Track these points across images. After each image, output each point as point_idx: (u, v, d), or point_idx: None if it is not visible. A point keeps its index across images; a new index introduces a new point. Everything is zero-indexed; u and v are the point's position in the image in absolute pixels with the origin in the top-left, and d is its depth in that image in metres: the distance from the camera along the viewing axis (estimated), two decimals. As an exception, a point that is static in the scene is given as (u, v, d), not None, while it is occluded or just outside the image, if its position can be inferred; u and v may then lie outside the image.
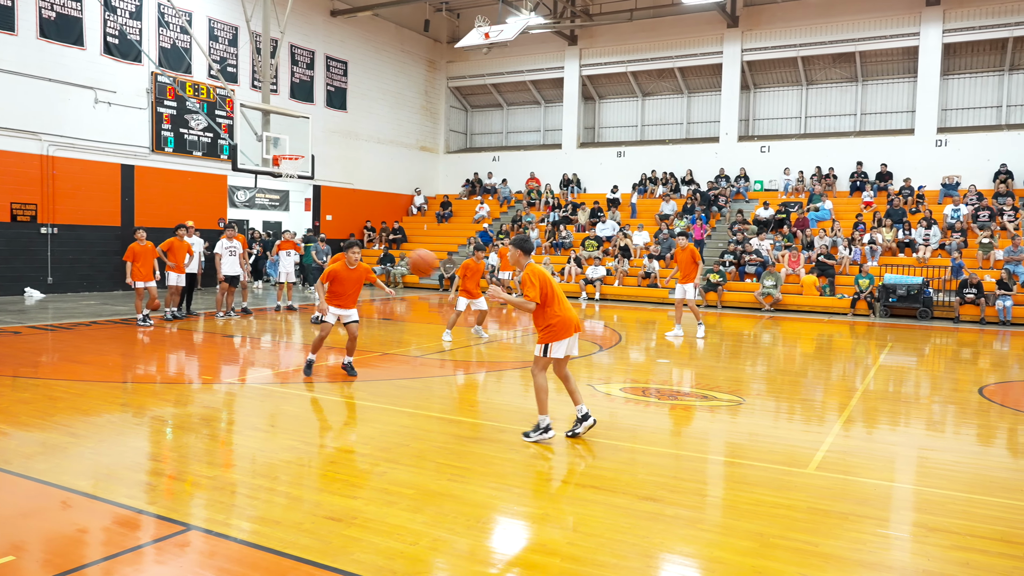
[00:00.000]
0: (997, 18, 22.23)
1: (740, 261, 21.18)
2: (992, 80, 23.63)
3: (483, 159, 30.96)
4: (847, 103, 25.60)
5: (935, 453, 6.44)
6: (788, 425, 7.36)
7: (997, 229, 20.18)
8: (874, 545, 4.24)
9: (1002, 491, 5.27)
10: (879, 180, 23.61)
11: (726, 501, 5.04)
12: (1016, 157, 22.10)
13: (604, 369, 10.25)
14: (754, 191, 25.48)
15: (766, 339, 14.51)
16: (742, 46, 25.58)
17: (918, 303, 17.93)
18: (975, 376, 10.48)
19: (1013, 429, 7.33)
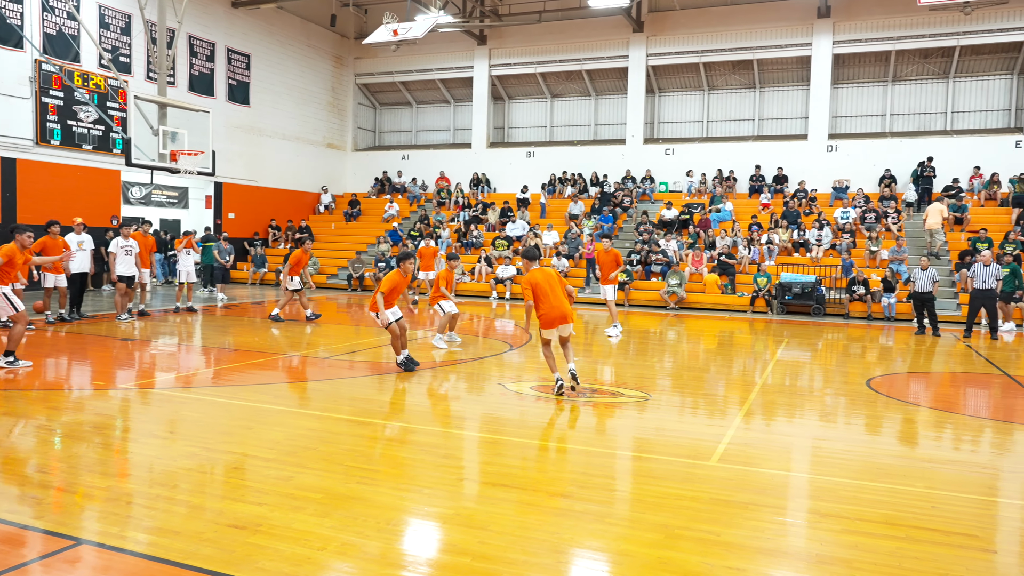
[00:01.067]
0: (882, 32, 23.62)
1: (646, 261, 21.72)
2: (877, 90, 25.08)
3: (392, 157, 30.63)
4: (746, 109, 26.65)
5: (827, 443, 6.77)
6: (692, 419, 7.59)
7: (882, 230, 21.42)
8: (772, 532, 4.42)
9: (888, 477, 5.58)
10: (776, 183, 24.67)
11: (634, 495, 5.15)
12: (899, 163, 23.54)
13: (515, 368, 10.31)
14: (659, 192, 26.18)
15: (671, 336, 14.93)
16: (647, 51, 26.24)
17: (812, 300, 18.85)
18: (863, 369, 11.09)
19: (898, 419, 7.79)
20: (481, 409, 7.77)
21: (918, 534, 4.42)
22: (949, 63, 23.84)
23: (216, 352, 11.17)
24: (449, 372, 9.83)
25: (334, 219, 28.72)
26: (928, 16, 22.44)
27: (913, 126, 24.74)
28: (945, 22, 22.63)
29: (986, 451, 6.65)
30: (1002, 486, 5.64)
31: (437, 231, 25.13)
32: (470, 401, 8.18)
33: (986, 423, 7.70)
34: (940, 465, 6.02)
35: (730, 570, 3.87)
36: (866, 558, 4.05)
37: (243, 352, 10.99)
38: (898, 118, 24.94)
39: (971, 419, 7.90)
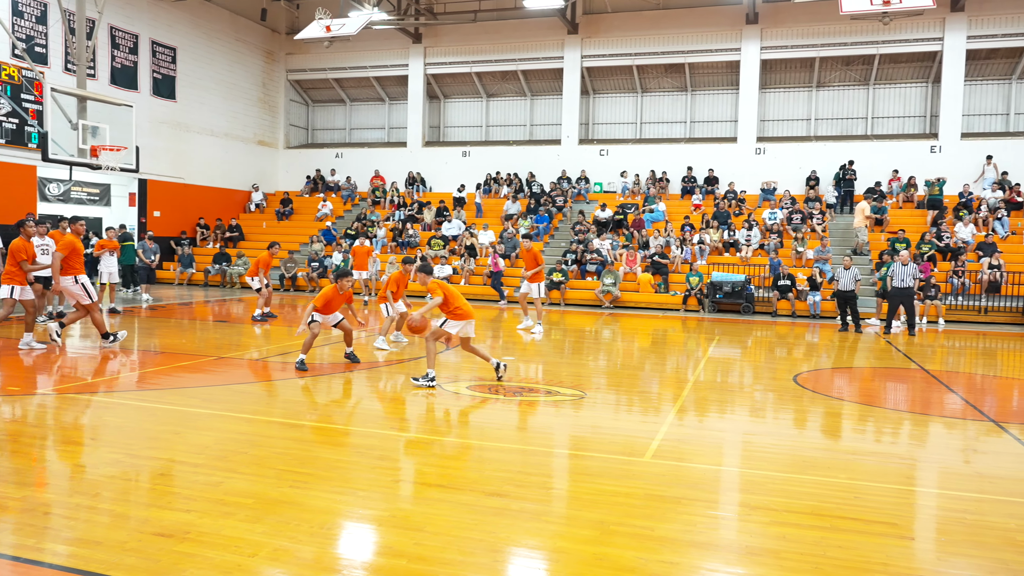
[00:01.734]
0: (807, 39, 24.42)
1: (581, 260, 21.94)
2: (803, 95, 25.92)
3: (326, 155, 30.16)
4: (678, 111, 27.19)
5: (757, 437, 6.95)
6: (627, 416, 7.69)
7: (808, 231, 22.15)
8: (704, 526, 4.51)
9: (814, 469, 5.77)
10: (707, 184, 25.24)
11: (570, 492, 5.18)
12: (823, 165, 24.39)
13: (451, 368, 10.27)
14: (594, 192, 26.48)
15: (606, 335, 15.11)
16: (582, 52, 26.50)
17: (741, 299, 19.35)
18: (790, 365, 11.43)
19: (823, 413, 8.06)
20: (417, 409, 7.71)
21: (842, 524, 4.57)
22: (869, 70, 24.81)
23: (141, 355, 10.79)
24: (385, 373, 9.72)
25: (265, 218, 28.11)
26: (850, 25, 23.29)
27: (836, 130, 25.65)
28: (865, 31, 23.54)
29: (905, 442, 6.93)
30: (919, 475, 5.89)
31: (372, 231, 24.86)
32: (406, 402, 8.11)
33: (905, 415, 8.04)
34: (862, 457, 6.25)
35: (664, 564, 3.94)
36: (793, 548, 4.17)
37: (170, 355, 10.65)
38: (822, 122, 25.83)
39: (891, 412, 8.23)
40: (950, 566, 4.04)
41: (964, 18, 22.91)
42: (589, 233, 23.03)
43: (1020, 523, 4.65)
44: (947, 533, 4.57)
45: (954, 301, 18.77)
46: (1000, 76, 24.02)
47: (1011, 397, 9.41)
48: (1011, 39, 22.82)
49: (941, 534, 4.58)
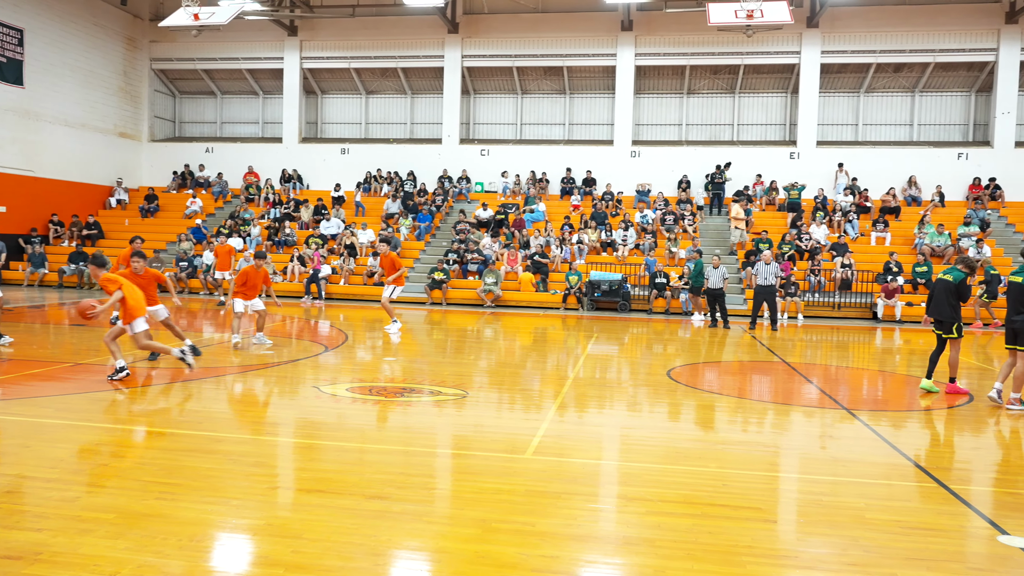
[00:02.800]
0: (678, 47, 25.45)
1: (463, 260, 21.96)
2: (675, 101, 27.01)
3: (195, 150, 28.73)
4: (557, 113, 27.70)
5: (633, 431, 7.18)
6: (509, 414, 7.75)
7: (680, 231, 23.11)
8: (584, 519, 4.61)
9: (686, 460, 6.01)
10: (585, 185, 25.86)
11: (452, 492, 5.16)
12: (693, 169, 25.51)
13: (330, 370, 10.03)
14: (475, 192, 26.57)
15: (488, 334, 15.19)
16: (462, 52, 26.53)
17: (619, 297, 19.95)
18: (664, 361, 11.89)
19: (695, 405, 8.42)
20: (295, 413, 7.48)
21: (712, 510, 4.78)
22: (735, 80, 26.16)
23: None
24: (260, 376, 9.37)
25: (128, 214, 26.46)
26: (717, 36, 24.46)
27: (706, 136, 26.89)
28: (732, 42, 24.80)
29: (768, 431, 7.35)
30: (782, 462, 6.26)
31: (246, 229, 23.92)
32: (283, 405, 7.84)
33: (768, 406, 8.52)
34: (731, 446, 6.57)
35: (544, 558, 3.99)
36: (667, 536, 4.33)
37: (19, 362, 9.83)
38: (693, 128, 27.02)
39: (756, 403, 8.70)
40: (808, 545, 4.31)
41: (818, 34, 24.56)
42: (470, 233, 23.09)
43: (869, 502, 5.02)
44: (806, 515, 4.87)
45: (811, 298, 20.09)
46: (850, 89, 25.92)
47: (861, 386, 10.17)
48: (860, 55, 24.67)
49: (801, 516, 4.88)
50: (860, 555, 4.13)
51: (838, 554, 4.16)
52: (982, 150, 24.53)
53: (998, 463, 6.44)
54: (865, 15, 24.17)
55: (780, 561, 4.08)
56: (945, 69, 24.83)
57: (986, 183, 23.93)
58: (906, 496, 5.26)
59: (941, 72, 24.94)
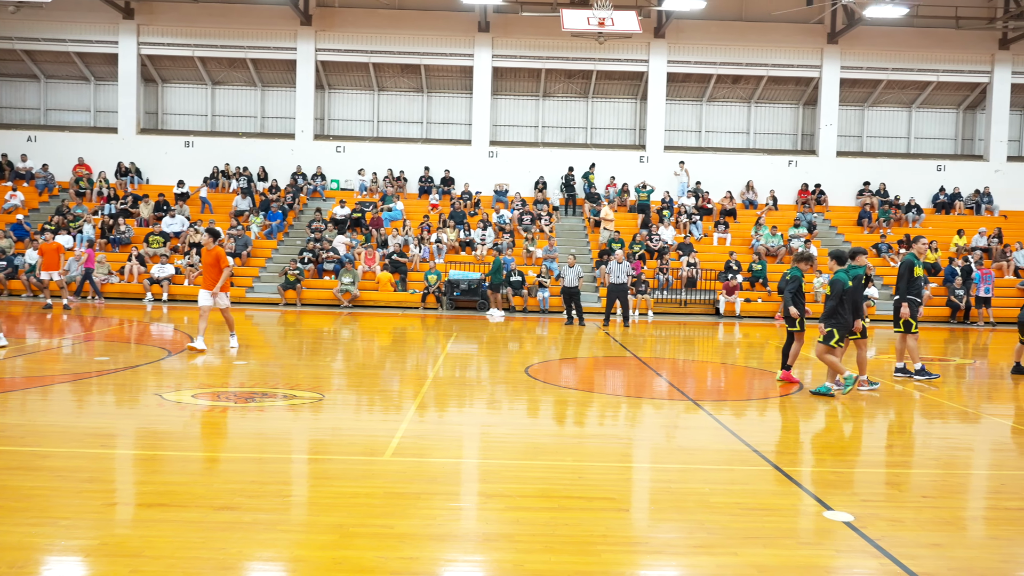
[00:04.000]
0: (534, 51, 25.96)
1: (318, 259, 21.37)
2: (531, 103, 27.55)
3: (15, 138, 26.15)
4: (415, 111, 27.52)
5: (493, 428, 7.24)
6: (368, 416, 7.61)
7: (537, 231, 23.59)
8: (443, 519, 4.59)
9: (544, 455, 6.13)
10: (444, 184, 25.85)
11: (308, 498, 5.00)
12: (550, 170, 26.11)
13: (174, 375, 9.44)
14: (331, 190, 25.92)
15: (345, 335, 14.86)
16: (316, 45, 25.78)
17: (478, 296, 20.09)
18: (522, 358, 12.08)
19: (552, 401, 8.61)
20: (134, 423, 6.98)
21: (568, 503, 4.90)
22: (588, 84, 27.03)
23: None
24: (95, 384, 8.67)
25: (-64, 209, 23.76)
26: (571, 41, 25.15)
27: (561, 138, 27.60)
28: (585, 48, 25.58)
29: (622, 424, 7.63)
30: (634, 453, 6.52)
31: (76, 225, 22.11)
32: (121, 415, 7.30)
33: (622, 399, 8.85)
34: (586, 440, 6.77)
35: (404, 560, 3.93)
36: (525, 531, 4.39)
37: None
38: (549, 130, 27.67)
39: (610, 397, 9.02)
40: (658, 531, 4.52)
41: (665, 44, 25.81)
42: (326, 231, 22.50)
43: (713, 487, 5.32)
44: (656, 502, 5.10)
45: (660, 295, 21.10)
46: (694, 98, 27.44)
47: (705, 379, 10.78)
48: (702, 66, 26.15)
49: (651, 504, 5.10)
50: (705, 537, 4.37)
51: (685, 537, 4.37)
52: (809, 158, 26.69)
53: (824, 445, 7.01)
54: (706, 28, 25.66)
55: (633, 547, 4.23)
56: (777, 83, 26.81)
57: (813, 188, 26.08)
58: (745, 479, 5.62)
59: (774, 85, 26.91)
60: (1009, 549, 4.36)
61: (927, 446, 7.00)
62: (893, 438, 7.41)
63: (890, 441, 7.28)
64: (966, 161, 26.98)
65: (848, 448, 6.93)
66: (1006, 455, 6.64)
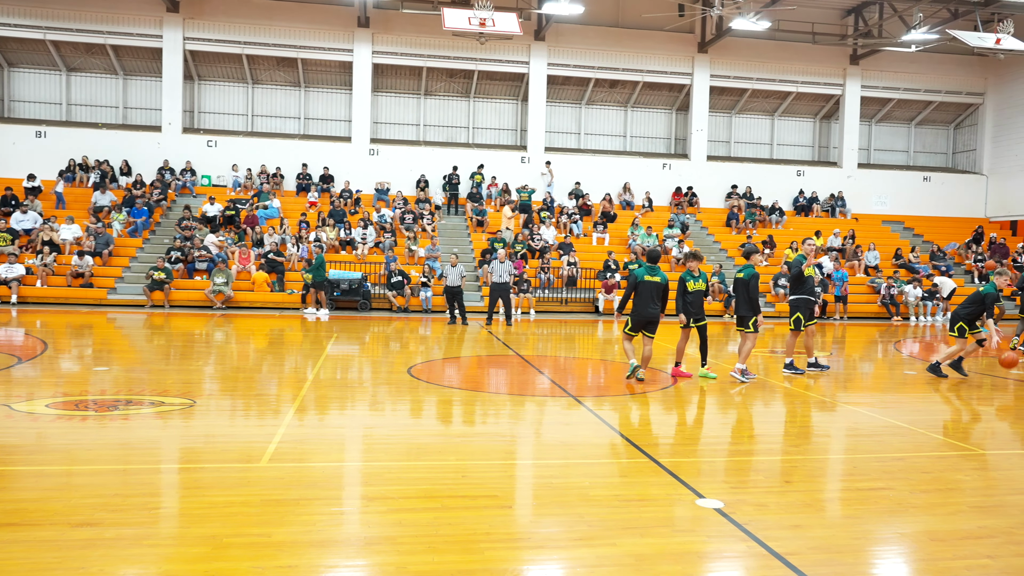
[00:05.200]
0: (415, 48, 25.75)
1: (188, 258, 20.36)
2: (412, 101, 27.33)
3: None
4: (292, 106, 26.71)
5: (376, 430, 7.13)
6: (244, 422, 7.31)
7: (419, 230, 23.42)
8: (324, 524, 4.47)
9: (427, 455, 6.10)
10: (323, 182, 25.22)
11: (178, 510, 4.75)
12: (432, 169, 25.98)
13: (26, 384, 8.74)
14: (202, 186, 24.76)
15: (219, 337, 14.24)
16: (184, 34, 24.55)
17: (359, 296, 19.73)
18: (405, 358, 11.97)
19: (436, 401, 8.57)
20: None
21: (452, 502, 4.90)
22: (470, 84, 27.09)
23: None
24: (-70, 396, 7.89)
25: None
26: (453, 40, 25.12)
27: (443, 137, 27.54)
28: (466, 48, 25.62)
29: (505, 422, 7.69)
30: (517, 450, 6.59)
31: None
32: None
33: (505, 398, 8.93)
34: (470, 439, 6.78)
35: (282, 569, 3.81)
36: (408, 532, 4.35)
37: None
38: (430, 128, 27.53)
39: (493, 395, 9.08)
40: (540, 526, 4.58)
41: (545, 47, 26.24)
42: (196, 229, 21.46)
43: (592, 480, 5.46)
44: (538, 498, 5.17)
45: (542, 294, 21.44)
46: (573, 101, 28.04)
47: (586, 375, 11.04)
48: (581, 70, 26.76)
49: (534, 499, 5.17)
50: (585, 530, 4.47)
51: (566, 531, 4.46)
52: (682, 162, 27.86)
53: (697, 436, 7.33)
54: (584, 33, 26.28)
55: (515, 544, 4.28)
56: (652, 88, 27.82)
57: (685, 191, 27.23)
58: (624, 472, 5.80)
59: (649, 91, 27.90)
60: (861, 527, 4.70)
61: (790, 434, 7.46)
62: (760, 427, 7.84)
63: (758, 430, 7.71)
64: (822, 167, 28.95)
65: (719, 438, 7.27)
66: (859, 440, 7.17)
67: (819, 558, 4.13)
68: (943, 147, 30.97)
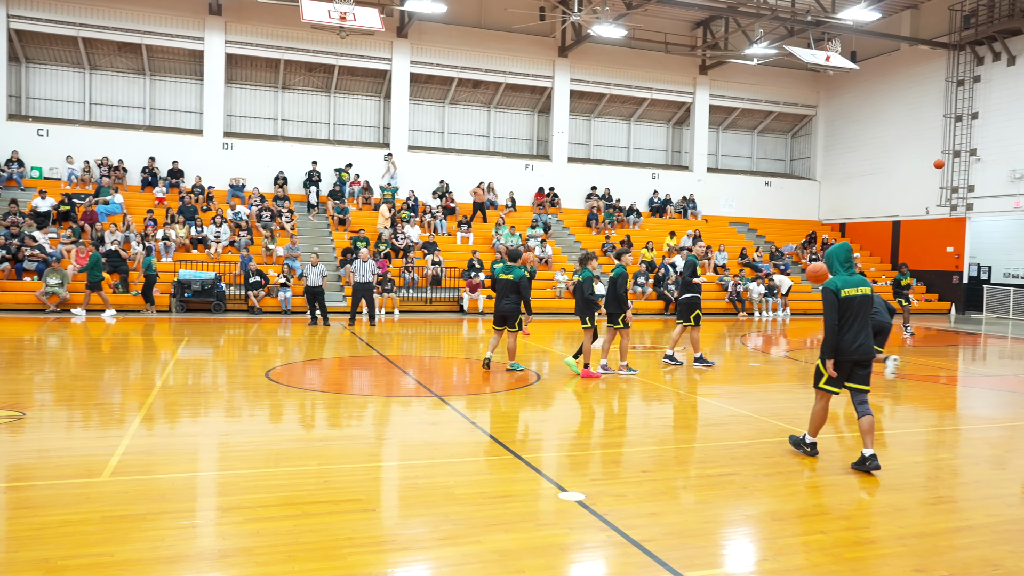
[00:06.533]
0: (272, 39, 24.81)
1: (17, 257, 18.63)
2: (270, 95, 26.32)
3: None
4: (136, 95, 25.05)
5: (232, 437, 6.80)
6: (83, 434, 6.77)
7: (277, 228, 22.59)
8: (173, 539, 4.22)
9: (287, 461, 5.88)
10: (171, 177, 23.81)
11: (5, 533, 4.32)
12: (290, 165, 25.13)
13: None
14: (31, 178, 22.74)
15: (53, 343, 13.12)
16: (7, 11, 22.46)
17: (212, 297, 18.78)
18: (263, 361, 11.50)
19: (296, 405, 8.29)
20: None
21: (313, 508, 4.75)
22: (330, 79, 26.42)
23: None
24: None
25: None
26: (312, 33, 24.42)
27: (302, 132, 26.70)
28: (326, 41, 24.98)
29: (369, 424, 7.55)
30: (382, 452, 6.48)
31: None
32: None
33: (369, 399, 8.77)
34: (333, 442, 6.61)
35: (127, 591, 3.55)
36: (267, 542, 4.18)
37: None
38: (289, 123, 26.63)
39: (357, 397, 8.89)
40: (405, 528, 4.53)
41: (408, 44, 26.01)
42: (25, 226, 19.68)
43: (458, 479, 5.46)
44: (403, 499, 5.11)
45: (406, 294, 21.24)
46: (437, 99, 27.97)
47: (451, 374, 11.04)
48: (444, 69, 26.74)
49: (399, 501, 5.11)
50: (450, 529, 4.46)
51: (431, 531, 4.43)
52: (544, 163, 28.44)
53: (560, 431, 7.50)
54: (448, 32, 26.29)
55: (380, 547, 4.20)
56: (515, 90, 28.22)
57: (547, 191, 27.82)
58: (488, 469, 5.84)
59: (512, 92, 28.29)
60: (712, 511, 4.97)
61: (647, 426, 7.77)
62: (620, 420, 8.13)
63: (617, 423, 7.98)
64: (675, 171, 30.43)
65: (581, 432, 7.47)
66: (709, 429, 7.58)
67: (673, 543, 4.33)
68: (782, 154, 33.38)
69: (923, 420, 8.29)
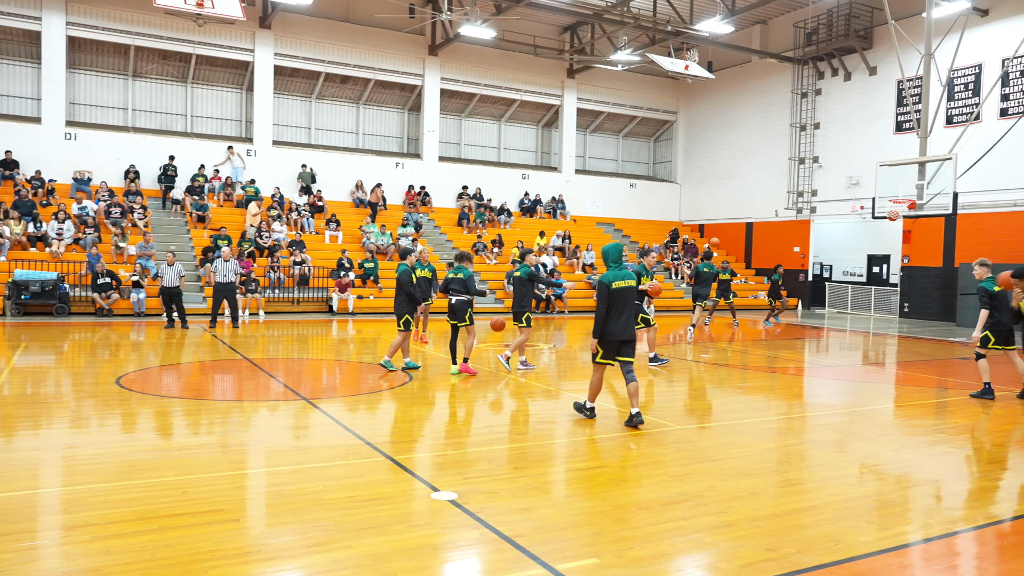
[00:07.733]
0: (120, 24, 23.22)
1: None
2: (119, 82, 24.62)
3: None
4: (-37, 79, 22.79)
5: (79, 449, 6.30)
6: None
7: (129, 226, 21.18)
8: (10, 563, 3.85)
9: (141, 473, 5.52)
10: (5, 168, 21.81)
11: None
12: (143, 158, 23.61)
13: None
14: None
15: None
16: None
17: (54, 299, 17.38)
18: (114, 368, 10.75)
19: (152, 413, 7.79)
20: None
21: (170, 522, 4.48)
22: (188, 69, 25.06)
23: None
24: None
25: None
26: (166, 19, 23.08)
27: (156, 124, 25.17)
28: (182, 28, 23.66)
29: (234, 430, 7.21)
30: (247, 459, 6.20)
31: None
32: None
33: (232, 405, 8.37)
34: (192, 451, 6.26)
35: (-47, 624, 3.21)
36: (118, 560, 3.90)
37: None
38: (141, 114, 25.03)
39: (219, 403, 8.48)
40: (271, 536, 4.35)
41: (271, 36, 25.07)
42: None
43: (327, 484, 5.31)
44: (269, 507, 4.91)
45: (272, 294, 20.48)
46: (303, 94, 27.13)
47: (320, 377, 10.74)
48: (310, 63, 25.94)
49: (265, 509, 4.90)
50: (319, 535, 4.33)
51: (299, 538, 4.29)
52: (415, 161, 28.21)
53: (432, 431, 7.45)
54: (314, 25, 25.56)
55: (244, 558, 4.02)
56: (384, 87, 27.83)
57: (418, 190, 27.63)
58: (359, 472, 5.71)
59: (381, 89, 27.87)
60: (580, 504, 5.09)
61: (517, 422, 7.86)
62: (491, 419, 8.18)
63: (489, 421, 8.03)
64: (545, 172, 31.00)
65: (453, 431, 7.46)
66: (578, 426, 7.76)
67: (544, 537, 4.40)
68: (645, 157, 34.75)
69: (774, 409, 8.86)
